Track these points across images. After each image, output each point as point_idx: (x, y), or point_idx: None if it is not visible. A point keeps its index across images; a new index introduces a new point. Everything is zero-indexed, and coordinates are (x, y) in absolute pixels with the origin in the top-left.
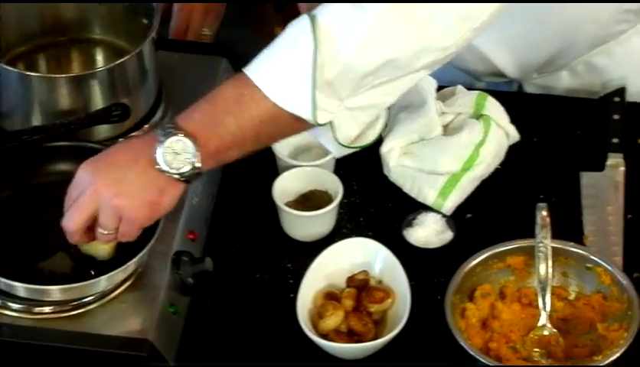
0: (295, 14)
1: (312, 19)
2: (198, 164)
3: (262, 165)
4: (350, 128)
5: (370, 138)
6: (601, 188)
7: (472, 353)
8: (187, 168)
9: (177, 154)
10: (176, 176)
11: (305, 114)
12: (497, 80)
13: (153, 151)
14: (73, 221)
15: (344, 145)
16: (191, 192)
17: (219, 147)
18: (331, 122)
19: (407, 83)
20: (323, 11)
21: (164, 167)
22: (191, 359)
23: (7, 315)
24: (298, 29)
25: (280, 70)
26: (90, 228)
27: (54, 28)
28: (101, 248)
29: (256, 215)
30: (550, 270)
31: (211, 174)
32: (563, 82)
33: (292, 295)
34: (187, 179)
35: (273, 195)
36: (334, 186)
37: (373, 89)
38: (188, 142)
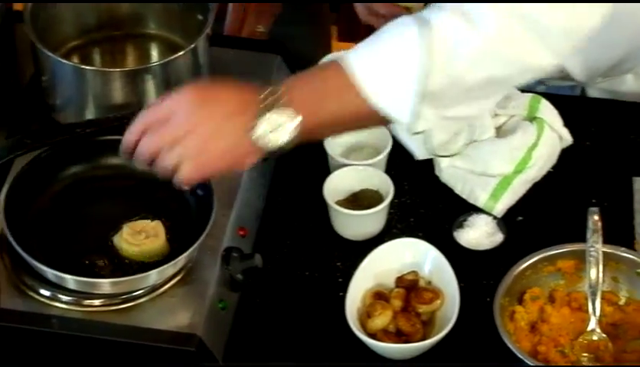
0: (350, 13)
1: (421, 25)
2: (290, 141)
3: (313, 163)
4: (441, 136)
5: (458, 144)
6: None
7: (521, 356)
8: (281, 141)
9: (277, 126)
10: (268, 147)
11: (405, 119)
12: (562, 83)
13: (255, 115)
14: (151, 142)
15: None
16: (242, 188)
17: (314, 128)
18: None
19: (501, 96)
20: (433, 19)
21: (260, 138)
22: (239, 356)
23: (57, 307)
24: (405, 34)
25: (385, 73)
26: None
27: (110, 23)
28: (147, 250)
29: (307, 213)
30: (601, 275)
31: (263, 171)
32: (627, 85)
33: (341, 294)
34: (272, 153)
35: (324, 193)
36: (386, 186)
37: (472, 101)
38: (291, 118)
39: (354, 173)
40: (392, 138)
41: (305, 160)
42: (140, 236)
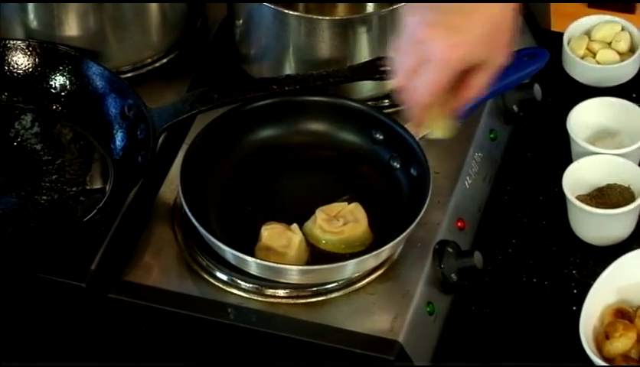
0: None
1: None
2: None
3: (552, 147)
4: None
5: None
6: None
7: None
8: None
9: None
10: None
11: None
12: None
13: None
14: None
15: None
16: (464, 172)
17: None
18: None
19: None
20: None
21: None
22: None
23: (235, 294)
24: None
25: None
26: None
27: None
28: (345, 239)
29: (540, 207)
30: None
31: (490, 152)
32: None
33: (574, 308)
34: None
35: (563, 185)
36: (639, 182)
37: None
38: None
39: (601, 163)
40: None
41: (543, 143)
42: (338, 222)
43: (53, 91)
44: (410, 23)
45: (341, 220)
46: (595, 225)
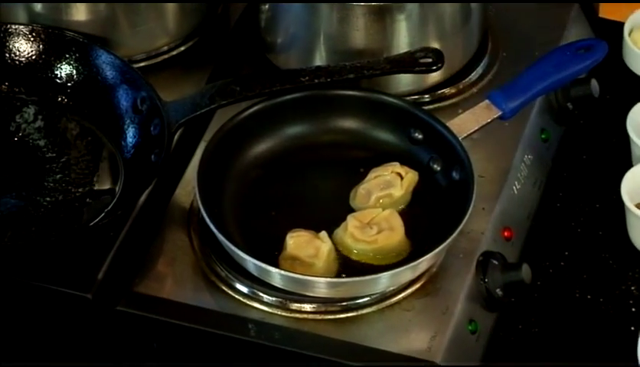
0: None
1: None
2: None
3: (610, 150)
4: None
5: None
6: None
7: None
8: None
9: None
10: None
11: None
12: None
13: None
14: None
15: None
16: (511, 176)
17: None
18: None
19: None
20: None
21: None
22: None
23: (257, 309)
24: None
25: None
26: None
27: None
28: (380, 249)
29: (596, 216)
30: None
31: (541, 155)
32: None
33: (632, 328)
34: None
35: (622, 192)
36: None
37: None
38: None
39: None
40: None
41: (599, 145)
42: (371, 230)
43: (58, 81)
44: None
45: (375, 228)
46: None
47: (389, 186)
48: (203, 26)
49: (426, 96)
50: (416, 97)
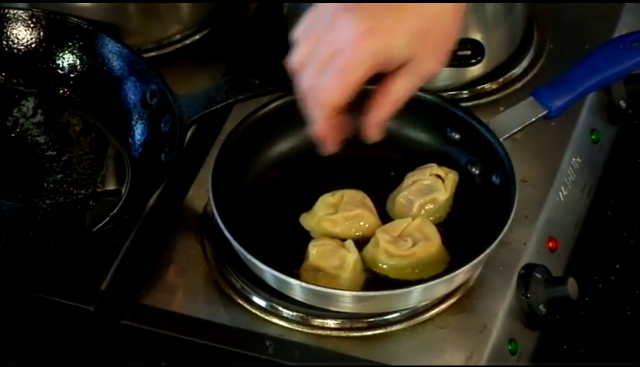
0: None
1: None
2: None
3: None
4: None
5: None
6: None
7: None
8: None
9: None
10: None
11: None
12: None
13: None
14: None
15: None
16: (557, 182)
17: None
18: None
19: None
20: None
21: None
22: None
23: (275, 324)
24: None
25: None
26: None
27: None
28: (416, 262)
29: None
30: None
31: (590, 158)
32: None
33: None
34: None
35: None
36: None
37: None
38: None
39: None
40: None
41: None
42: (405, 243)
43: (60, 72)
44: (321, 6)
45: (409, 240)
46: None
47: (431, 190)
48: (219, 12)
49: (465, 92)
50: (454, 93)
